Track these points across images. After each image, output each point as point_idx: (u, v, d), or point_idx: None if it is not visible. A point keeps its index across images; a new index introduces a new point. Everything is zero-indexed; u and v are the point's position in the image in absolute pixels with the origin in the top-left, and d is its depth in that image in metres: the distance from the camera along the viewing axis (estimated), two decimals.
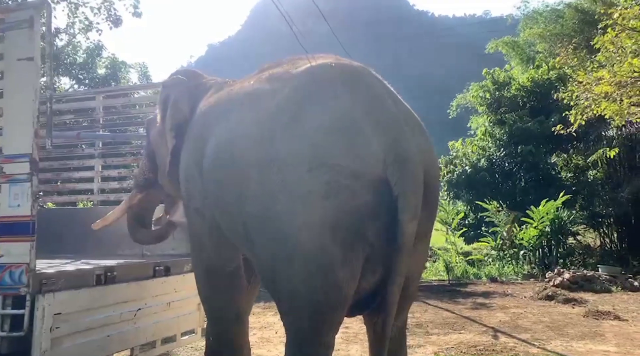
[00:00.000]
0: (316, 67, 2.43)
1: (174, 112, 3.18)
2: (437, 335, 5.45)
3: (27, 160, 2.67)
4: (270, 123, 2.29)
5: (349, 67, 2.46)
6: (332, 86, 2.30)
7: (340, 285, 2.13)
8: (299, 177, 2.10)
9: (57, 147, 4.76)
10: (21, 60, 2.75)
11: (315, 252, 2.09)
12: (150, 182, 3.64)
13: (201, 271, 3.07)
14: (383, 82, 2.44)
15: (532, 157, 13.65)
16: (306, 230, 2.09)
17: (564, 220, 11.06)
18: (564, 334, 5.49)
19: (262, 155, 2.24)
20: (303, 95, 2.30)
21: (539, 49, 16.21)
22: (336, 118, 2.17)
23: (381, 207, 2.09)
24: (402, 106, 2.38)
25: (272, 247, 2.22)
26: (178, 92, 3.24)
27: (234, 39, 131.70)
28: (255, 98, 2.50)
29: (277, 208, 2.15)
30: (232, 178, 2.40)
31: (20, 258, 2.61)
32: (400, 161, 2.09)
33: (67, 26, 13.05)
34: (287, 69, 2.53)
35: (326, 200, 2.06)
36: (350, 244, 2.10)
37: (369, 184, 2.07)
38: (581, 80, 7.85)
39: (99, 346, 3.03)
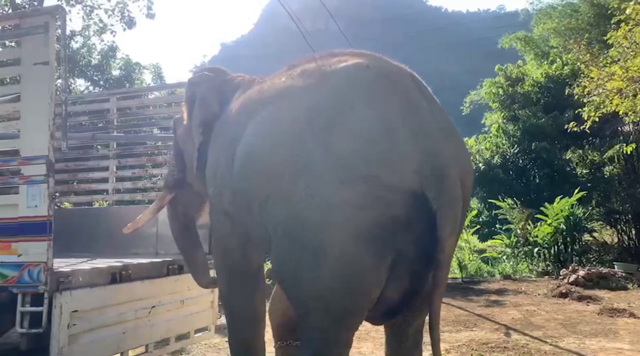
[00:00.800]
0: (351, 67, 2.35)
1: (202, 108, 3.14)
2: (449, 333, 5.46)
3: (44, 162, 2.75)
4: (305, 127, 2.24)
5: (385, 69, 2.37)
6: (368, 91, 2.24)
7: (367, 291, 2.15)
8: (333, 187, 2.07)
9: (73, 148, 4.86)
10: (37, 65, 2.83)
11: (345, 262, 2.09)
12: (179, 182, 3.58)
13: (223, 271, 3.08)
14: (420, 86, 2.37)
15: (546, 154, 13.51)
16: (338, 240, 2.08)
17: (579, 217, 10.94)
18: (577, 331, 5.46)
19: (295, 161, 2.20)
20: (337, 100, 2.24)
21: (554, 43, 16.00)
22: (371, 127, 2.12)
23: (415, 219, 2.07)
24: (439, 113, 2.31)
25: (299, 251, 2.19)
26: (206, 89, 3.20)
27: (246, 38, 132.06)
28: (288, 100, 2.43)
29: (307, 215, 2.12)
30: (262, 181, 2.36)
31: (38, 257, 2.69)
32: (437, 175, 2.05)
33: (82, 28, 13.26)
34: (321, 67, 2.45)
35: (360, 211, 2.03)
36: (380, 253, 2.09)
37: (404, 197, 2.05)
38: (593, 76, 7.76)
39: (114, 342, 3.11)
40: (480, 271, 10.79)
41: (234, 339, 3.13)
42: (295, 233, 2.19)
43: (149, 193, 5.55)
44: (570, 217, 10.80)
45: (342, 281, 2.12)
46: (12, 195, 2.87)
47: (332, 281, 2.12)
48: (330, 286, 2.13)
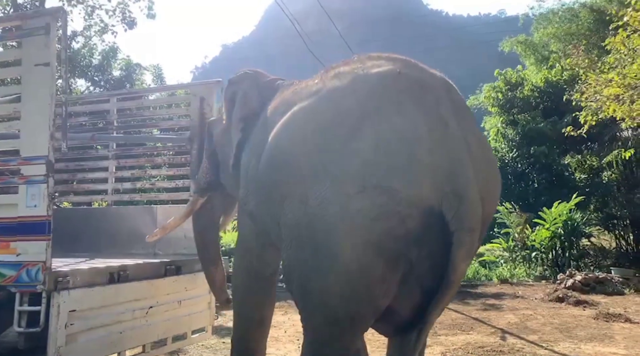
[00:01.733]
0: (383, 74, 2.29)
1: (243, 105, 3.14)
2: (445, 336, 5.48)
3: (44, 162, 2.78)
4: (329, 132, 2.21)
5: (418, 78, 2.29)
6: (396, 100, 2.18)
7: (375, 301, 2.15)
8: (350, 196, 2.05)
9: (73, 148, 4.88)
10: (38, 66, 2.86)
11: (355, 269, 2.08)
12: (212, 185, 3.55)
13: (240, 272, 3.12)
14: (452, 95, 2.30)
15: (545, 158, 13.55)
16: (350, 247, 2.07)
17: (577, 221, 10.97)
18: (572, 336, 5.48)
19: (315, 163, 2.19)
20: (364, 106, 2.19)
21: (553, 48, 16.07)
22: (396, 138, 2.07)
23: (429, 235, 2.05)
24: (470, 128, 2.24)
25: (309, 255, 2.19)
26: (247, 86, 3.21)
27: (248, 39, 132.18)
28: (317, 101, 2.40)
29: (321, 219, 2.11)
30: (282, 179, 2.36)
31: (36, 257, 2.71)
32: (457, 195, 2.01)
33: (83, 29, 13.29)
34: (354, 71, 2.40)
35: (375, 222, 2.01)
36: (392, 266, 2.09)
37: (420, 213, 2.01)
38: (591, 82, 7.80)
39: (112, 342, 3.13)
40: (477, 275, 10.81)
41: (237, 339, 3.16)
42: (308, 236, 2.19)
43: (147, 193, 5.58)
44: (568, 222, 10.83)
45: (349, 289, 2.11)
46: (11, 195, 2.90)
47: (340, 288, 2.12)
48: (337, 294, 2.13)
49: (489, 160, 2.30)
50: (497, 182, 2.39)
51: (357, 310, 2.16)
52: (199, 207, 3.69)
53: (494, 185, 2.33)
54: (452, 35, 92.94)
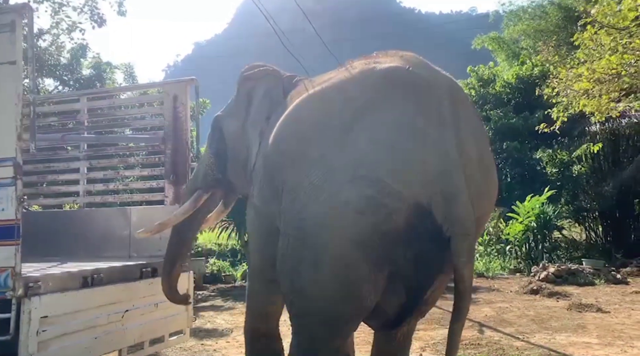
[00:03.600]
0: (391, 69, 2.29)
1: (270, 101, 2.99)
2: (424, 331, 5.53)
3: (11, 164, 2.68)
4: (328, 121, 2.23)
5: (424, 75, 2.29)
6: (400, 95, 2.18)
7: (362, 299, 2.12)
8: (340, 184, 2.04)
9: (42, 149, 4.74)
10: (3, 64, 2.76)
11: (340, 264, 2.07)
12: (219, 182, 3.44)
13: (255, 266, 3.10)
14: (457, 97, 2.29)
15: (517, 153, 13.81)
16: (335, 240, 2.06)
17: (549, 215, 11.21)
18: (547, 327, 5.60)
19: (310, 152, 2.19)
20: (368, 98, 2.20)
21: (524, 45, 16.40)
22: (391, 133, 2.08)
23: (417, 236, 2.04)
24: (470, 130, 2.22)
25: (299, 247, 2.18)
26: (271, 83, 3.09)
27: (220, 37, 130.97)
28: (323, 92, 2.41)
29: (312, 209, 2.11)
30: (281, 165, 2.35)
31: (5, 262, 2.62)
32: (447, 197, 1.98)
33: (50, 27, 12.92)
34: (365, 65, 2.40)
35: (360, 215, 2.00)
36: (377, 263, 2.07)
37: (407, 209, 1.99)
38: (561, 77, 7.97)
39: (86, 348, 3.05)
40: None
41: (250, 330, 3.13)
42: (298, 227, 2.18)
43: (120, 195, 5.45)
44: (541, 215, 11.07)
45: (337, 285, 2.11)
46: None
47: (327, 282, 2.11)
48: (324, 289, 2.13)
49: (485, 163, 2.29)
50: (494, 184, 2.38)
51: (345, 309, 2.15)
52: (202, 204, 3.52)
53: (489, 187, 2.31)
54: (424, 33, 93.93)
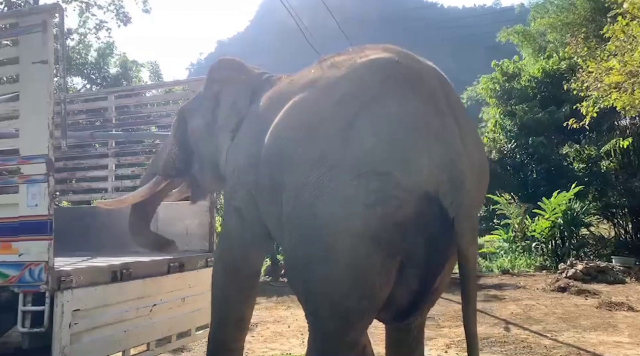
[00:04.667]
0: (382, 61, 2.31)
1: (234, 114, 3.08)
2: (449, 328, 5.48)
3: (44, 161, 2.74)
4: (326, 119, 2.22)
5: (414, 66, 2.32)
6: (395, 87, 2.19)
7: (374, 291, 2.12)
8: (347, 181, 2.04)
9: (71, 146, 4.84)
10: (35, 63, 2.81)
11: (351, 259, 2.07)
12: (179, 171, 3.56)
13: (221, 269, 3.08)
14: (446, 86, 2.32)
15: (543, 148, 13.55)
16: (346, 235, 2.06)
17: (576, 211, 10.98)
18: (576, 325, 5.49)
19: (311, 151, 2.18)
20: (363, 92, 2.21)
21: (550, 38, 16.04)
22: (393, 125, 2.09)
23: (426, 222, 2.05)
24: (462, 118, 2.25)
25: (306, 245, 2.18)
26: (238, 93, 3.13)
27: (242, 35, 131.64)
28: (314, 90, 2.41)
29: (318, 208, 2.10)
30: (281, 168, 2.35)
31: (39, 257, 2.69)
32: (454, 184, 2.01)
33: (78, 26, 13.19)
34: (351, 59, 2.42)
35: (371, 208, 2.00)
36: (389, 254, 2.07)
37: (417, 199, 2.01)
38: (591, 70, 7.77)
39: (116, 341, 3.11)
40: (478, 266, 10.81)
41: (213, 339, 3.10)
42: (306, 225, 2.17)
43: None
44: (568, 212, 10.85)
45: (350, 279, 2.10)
46: (12, 195, 2.87)
47: (340, 278, 2.10)
48: (338, 284, 2.12)
49: (480, 150, 2.34)
50: (487, 170, 2.43)
51: (359, 302, 2.14)
52: (159, 189, 3.66)
53: (484, 173, 2.36)
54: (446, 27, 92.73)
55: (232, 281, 3.01)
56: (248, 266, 2.98)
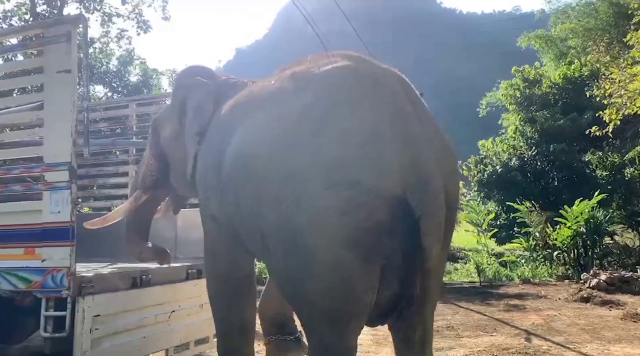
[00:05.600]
0: (339, 70, 2.34)
1: (199, 118, 3.08)
2: (468, 338, 5.40)
3: (67, 168, 2.80)
4: (291, 132, 2.25)
5: (373, 71, 2.37)
6: (355, 95, 2.24)
7: (359, 297, 2.14)
8: (317, 193, 2.08)
9: (93, 154, 4.92)
10: (60, 73, 2.88)
11: (333, 266, 2.10)
12: (158, 183, 3.56)
13: (212, 278, 3.07)
14: (408, 90, 2.35)
15: (564, 156, 13.35)
16: (324, 244, 2.09)
17: (599, 219, 10.74)
18: (600, 337, 5.35)
19: (282, 167, 2.22)
20: (325, 103, 2.24)
21: (572, 44, 15.84)
22: (357, 132, 2.13)
23: (399, 225, 2.08)
24: (426, 119, 2.30)
25: (291, 259, 2.21)
26: (201, 96, 3.14)
27: (261, 43, 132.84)
28: (276, 103, 2.45)
29: (295, 221, 2.14)
30: (251, 187, 2.38)
31: (61, 262, 2.73)
32: (421, 183, 2.06)
33: (100, 35, 13.47)
34: (310, 70, 2.45)
35: (344, 216, 2.04)
36: (368, 258, 2.10)
37: (387, 203, 2.05)
38: (614, 77, 7.63)
39: (135, 347, 3.14)
40: (498, 275, 10.66)
41: (222, 348, 3.07)
42: (287, 238, 2.20)
43: None
44: (591, 220, 10.62)
45: (333, 286, 2.12)
46: (36, 201, 2.92)
47: (325, 287, 2.13)
48: (324, 292, 2.14)
49: (447, 148, 2.35)
50: (456, 169, 2.45)
51: (347, 308, 2.16)
52: (141, 203, 3.66)
53: (453, 172, 2.37)
54: (465, 33, 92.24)
55: (225, 288, 2.99)
56: (237, 270, 2.95)
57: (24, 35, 3.75)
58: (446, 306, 7.45)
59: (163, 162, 3.52)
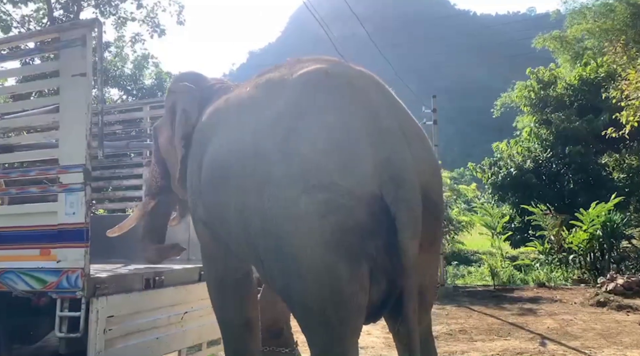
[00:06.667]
0: (311, 75, 2.36)
1: (184, 121, 3.13)
2: (482, 341, 5.35)
3: (81, 170, 2.83)
4: (264, 139, 2.26)
5: (346, 74, 2.38)
6: (326, 99, 2.25)
7: (349, 299, 2.12)
8: (295, 198, 2.08)
9: (108, 156, 4.98)
10: (75, 76, 2.92)
11: (320, 270, 2.09)
12: (163, 188, 3.63)
13: (211, 280, 3.08)
14: (381, 89, 2.37)
15: (580, 158, 13.18)
16: (308, 249, 2.09)
17: (616, 222, 10.58)
18: (617, 342, 5.27)
19: (257, 174, 2.23)
20: (296, 109, 2.26)
21: (588, 44, 15.64)
22: (330, 136, 2.13)
23: (379, 224, 2.07)
24: (401, 116, 2.30)
25: (280, 265, 2.22)
26: (186, 100, 3.20)
27: (274, 46, 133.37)
28: (249, 110, 2.47)
29: (278, 228, 2.15)
30: (231, 193, 2.40)
31: (75, 263, 2.77)
32: (395, 180, 2.06)
33: (115, 39, 13.63)
34: (283, 76, 2.47)
35: (323, 219, 2.04)
36: (354, 259, 2.09)
37: (365, 202, 2.05)
38: (631, 78, 7.52)
39: (148, 348, 3.16)
40: (512, 278, 10.56)
41: (227, 347, 3.07)
42: (273, 245, 2.21)
43: None
44: (607, 223, 10.46)
45: (322, 290, 2.11)
46: (51, 203, 2.96)
47: (314, 292, 2.12)
48: (314, 298, 2.14)
49: (424, 146, 2.36)
50: (436, 166, 2.44)
51: (338, 311, 2.14)
52: (150, 209, 3.72)
53: (432, 169, 2.36)
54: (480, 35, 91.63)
55: (224, 289, 3.01)
56: (234, 271, 2.96)
57: (41, 40, 3.81)
58: (459, 310, 7.39)
59: (164, 168, 3.60)
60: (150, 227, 3.74)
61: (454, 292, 9.18)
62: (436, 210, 2.31)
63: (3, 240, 3.02)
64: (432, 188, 2.27)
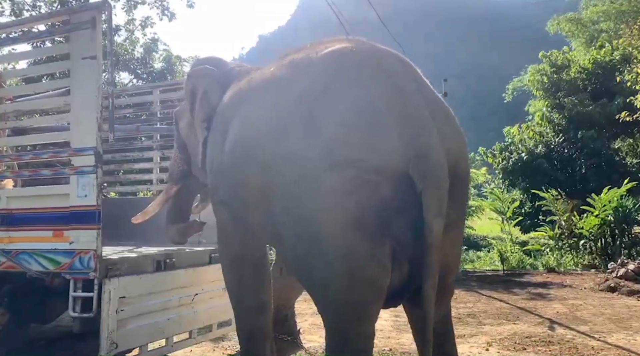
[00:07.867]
0: (336, 53, 2.34)
1: (205, 104, 3.11)
2: (491, 325, 5.37)
3: (93, 153, 2.85)
4: (289, 116, 2.24)
5: (370, 52, 2.35)
6: (353, 75, 2.23)
7: (371, 280, 2.11)
8: (320, 174, 2.06)
9: (118, 139, 4.99)
10: (85, 59, 2.93)
11: (342, 248, 2.08)
12: (185, 173, 3.65)
13: (227, 261, 3.08)
14: (408, 67, 2.35)
15: (593, 143, 13.03)
16: (332, 227, 2.07)
17: (628, 208, 10.47)
18: (627, 327, 5.26)
19: (281, 151, 2.21)
20: (322, 85, 2.23)
21: (603, 27, 15.36)
22: (356, 111, 2.11)
23: (405, 202, 2.05)
24: (428, 94, 2.28)
25: (301, 243, 2.21)
26: (207, 83, 3.18)
27: (284, 29, 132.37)
28: (274, 88, 2.45)
29: (301, 206, 2.13)
30: (253, 175, 2.38)
31: (88, 245, 2.81)
32: (421, 156, 2.03)
33: (125, 22, 13.60)
34: (308, 55, 2.44)
35: (349, 196, 2.02)
36: (377, 239, 2.07)
37: (391, 179, 2.03)
38: None
39: (160, 328, 3.21)
40: (522, 263, 10.53)
41: (242, 330, 3.07)
42: (296, 224, 2.20)
43: None
44: (619, 208, 10.36)
45: (345, 271, 2.09)
46: (64, 185, 2.99)
47: (337, 272, 2.11)
48: (337, 278, 2.12)
49: (451, 123, 2.33)
50: (463, 143, 2.40)
51: (361, 293, 2.12)
52: (174, 195, 3.74)
53: (458, 145, 2.33)
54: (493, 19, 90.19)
55: (240, 271, 3.00)
56: (250, 252, 2.95)
57: (51, 22, 3.81)
58: (468, 294, 7.40)
59: (186, 153, 3.60)
60: (174, 211, 3.78)
61: (463, 277, 9.19)
62: (462, 188, 2.29)
63: (17, 221, 3.07)
64: (459, 166, 2.23)
